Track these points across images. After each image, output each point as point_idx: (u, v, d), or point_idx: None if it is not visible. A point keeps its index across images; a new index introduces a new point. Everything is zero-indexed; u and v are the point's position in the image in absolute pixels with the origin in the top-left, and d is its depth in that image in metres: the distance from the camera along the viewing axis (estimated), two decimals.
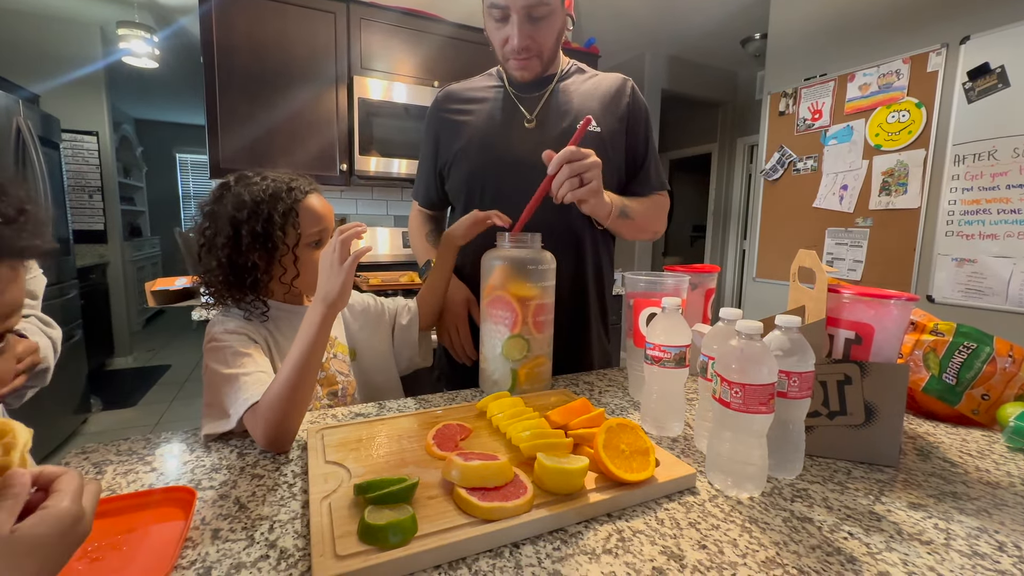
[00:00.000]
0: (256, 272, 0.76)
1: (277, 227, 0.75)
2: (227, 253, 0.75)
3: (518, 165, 0.96)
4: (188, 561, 0.43)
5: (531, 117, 0.99)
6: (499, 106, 1.02)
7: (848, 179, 2.25)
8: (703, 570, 0.43)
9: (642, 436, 0.57)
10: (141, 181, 5.57)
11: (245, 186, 0.77)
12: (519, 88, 1.02)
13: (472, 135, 1.02)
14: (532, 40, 0.92)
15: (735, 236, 4.21)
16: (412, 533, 0.43)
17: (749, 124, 3.98)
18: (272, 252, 0.77)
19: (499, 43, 0.95)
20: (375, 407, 0.80)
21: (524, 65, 0.95)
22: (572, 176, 0.78)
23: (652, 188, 1.04)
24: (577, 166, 0.78)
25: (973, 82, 1.85)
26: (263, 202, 0.75)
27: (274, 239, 0.75)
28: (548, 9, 0.89)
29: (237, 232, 0.75)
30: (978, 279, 1.85)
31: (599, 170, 0.80)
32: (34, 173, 2.26)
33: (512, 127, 1.00)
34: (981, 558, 0.45)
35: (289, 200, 0.77)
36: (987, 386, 0.74)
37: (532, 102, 1.01)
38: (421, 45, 2.27)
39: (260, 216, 0.75)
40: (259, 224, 0.74)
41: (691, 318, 0.90)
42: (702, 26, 3.22)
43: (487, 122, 1.02)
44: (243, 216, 0.74)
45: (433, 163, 1.09)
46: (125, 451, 0.63)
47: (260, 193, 0.76)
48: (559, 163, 0.78)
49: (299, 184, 0.80)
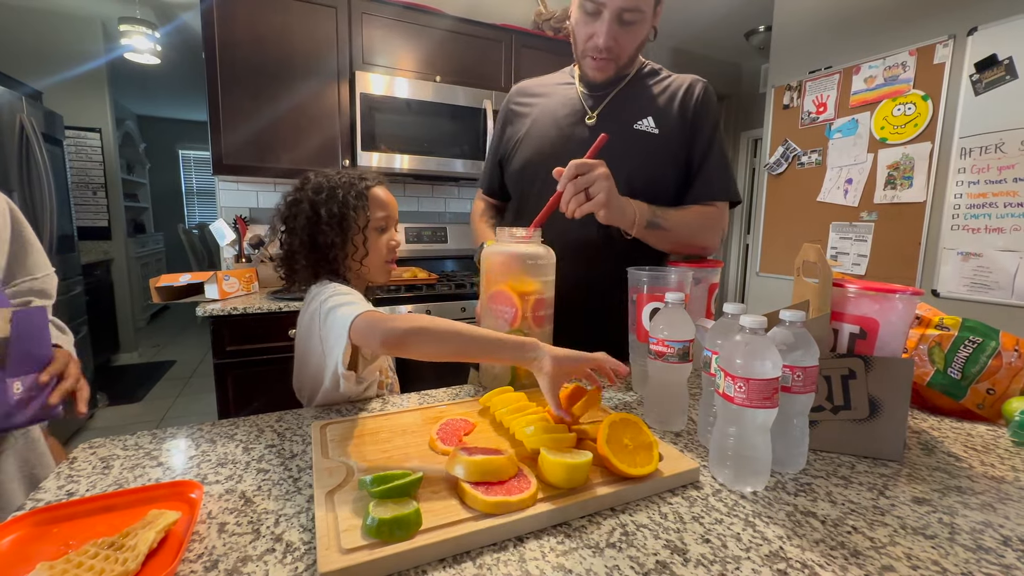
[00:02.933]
0: (334, 249, 0.85)
1: (351, 208, 0.85)
2: (308, 232, 0.85)
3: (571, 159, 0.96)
4: (195, 554, 0.43)
5: (592, 114, 0.99)
6: (564, 101, 1.03)
7: (853, 173, 2.24)
8: (707, 564, 0.43)
9: (645, 431, 0.57)
10: (144, 178, 5.58)
11: (324, 176, 0.88)
12: (588, 86, 1.02)
13: (531, 127, 1.03)
14: (616, 43, 0.92)
15: (739, 230, 4.19)
16: (416, 527, 0.44)
17: (753, 118, 3.95)
18: (346, 231, 0.85)
19: (583, 37, 0.94)
20: (379, 403, 0.80)
21: (601, 66, 0.95)
22: (577, 192, 0.79)
23: (711, 195, 0.98)
24: (582, 181, 0.79)
25: (980, 74, 1.83)
26: (339, 187, 0.86)
27: (348, 219, 0.85)
28: (640, 16, 0.90)
29: (316, 212, 0.85)
30: (984, 273, 1.84)
31: (607, 182, 0.79)
32: (38, 170, 2.26)
33: (572, 123, 1.00)
34: (986, 552, 0.45)
35: (360, 186, 0.87)
36: (992, 380, 0.74)
37: (597, 100, 1.00)
38: (423, 39, 2.26)
39: (336, 199, 0.85)
40: (335, 205, 0.85)
41: (694, 313, 0.90)
42: (706, 18, 3.19)
43: (549, 116, 1.02)
44: (322, 198, 0.85)
45: (496, 152, 1.12)
46: (132, 446, 0.64)
47: (337, 180, 0.87)
48: (566, 180, 0.79)
49: (369, 176, 0.91)
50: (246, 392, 1.79)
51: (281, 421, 0.72)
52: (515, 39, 2.43)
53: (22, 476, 0.76)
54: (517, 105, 1.09)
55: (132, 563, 0.40)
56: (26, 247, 0.87)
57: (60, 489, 0.54)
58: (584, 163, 0.79)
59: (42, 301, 0.88)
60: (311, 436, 0.64)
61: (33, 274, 0.87)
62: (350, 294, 0.79)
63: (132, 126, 5.37)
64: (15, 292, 0.84)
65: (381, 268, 0.91)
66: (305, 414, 0.75)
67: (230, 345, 1.77)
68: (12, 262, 0.84)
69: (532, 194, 1.02)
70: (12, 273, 0.84)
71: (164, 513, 0.46)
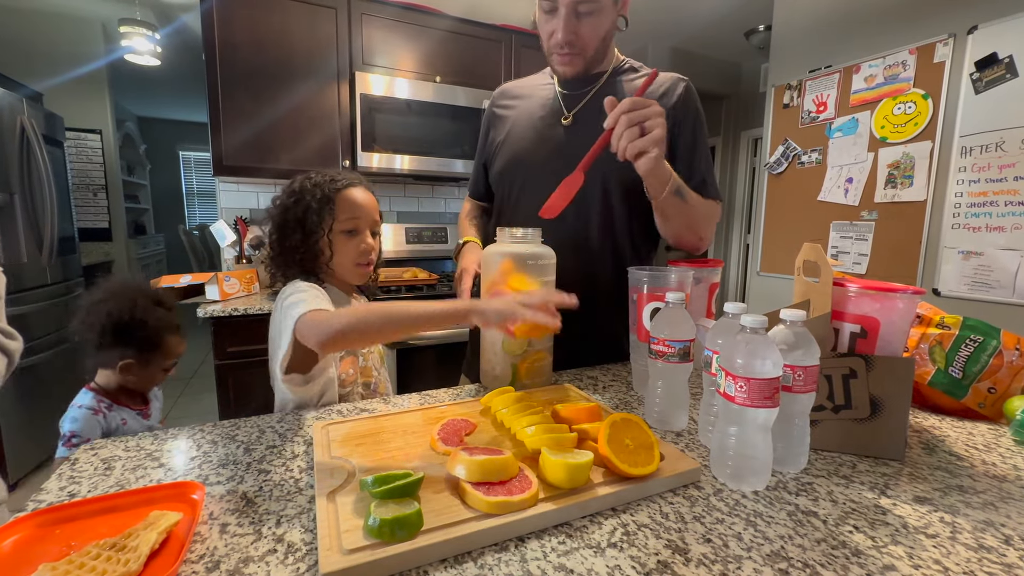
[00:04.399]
0: (298, 252, 0.86)
1: (312, 212, 0.85)
2: (276, 236, 0.87)
3: (548, 161, 0.96)
4: (197, 555, 0.43)
5: (567, 114, 0.98)
6: (541, 103, 1.02)
7: (853, 172, 2.24)
8: (708, 564, 0.43)
9: (646, 430, 0.57)
10: (145, 179, 5.58)
11: (304, 179, 0.89)
12: (566, 85, 1.01)
13: (511, 129, 1.03)
14: (576, 36, 0.91)
15: (739, 230, 4.19)
16: (418, 527, 0.44)
17: (753, 117, 3.95)
18: (309, 235, 0.86)
19: (546, 36, 0.94)
20: (380, 402, 0.80)
21: (566, 61, 0.94)
22: (632, 125, 0.72)
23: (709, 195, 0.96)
24: (637, 115, 0.72)
25: (981, 72, 1.82)
26: (307, 191, 0.86)
27: (309, 223, 0.85)
28: (595, 6, 0.88)
29: (284, 216, 0.86)
30: (985, 272, 1.84)
31: (663, 119, 0.73)
32: (39, 171, 2.26)
33: (548, 124, 0.99)
34: (987, 551, 0.45)
35: (328, 190, 0.86)
36: (994, 379, 0.74)
37: (574, 99, 1.00)
38: (422, 40, 2.26)
39: (302, 202, 0.86)
40: (300, 209, 0.85)
41: (695, 313, 0.90)
42: (705, 17, 3.19)
43: (526, 118, 1.02)
44: (291, 202, 0.86)
45: (481, 155, 1.13)
46: (133, 447, 0.64)
47: (309, 183, 0.87)
48: (617, 115, 0.73)
49: (342, 178, 0.89)
50: (247, 393, 1.79)
51: (282, 422, 0.72)
52: (515, 39, 2.43)
53: None
54: (499, 108, 1.08)
55: (134, 564, 0.40)
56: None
57: (62, 490, 0.54)
58: (640, 100, 0.73)
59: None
60: (312, 437, 0.64)
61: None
62: (307, 291, 0.78)
63: (132, 127, 5.38)
64: None
65: (351, 271, 0.90)
66: (306, 415, 0.75)
67: (231, 346, 1.77)
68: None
69: (512, 196, 1.02)
70: None
71: (166, 514, 0.46)
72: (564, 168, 0.82)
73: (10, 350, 0.89)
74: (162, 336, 1.06)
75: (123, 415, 1.07)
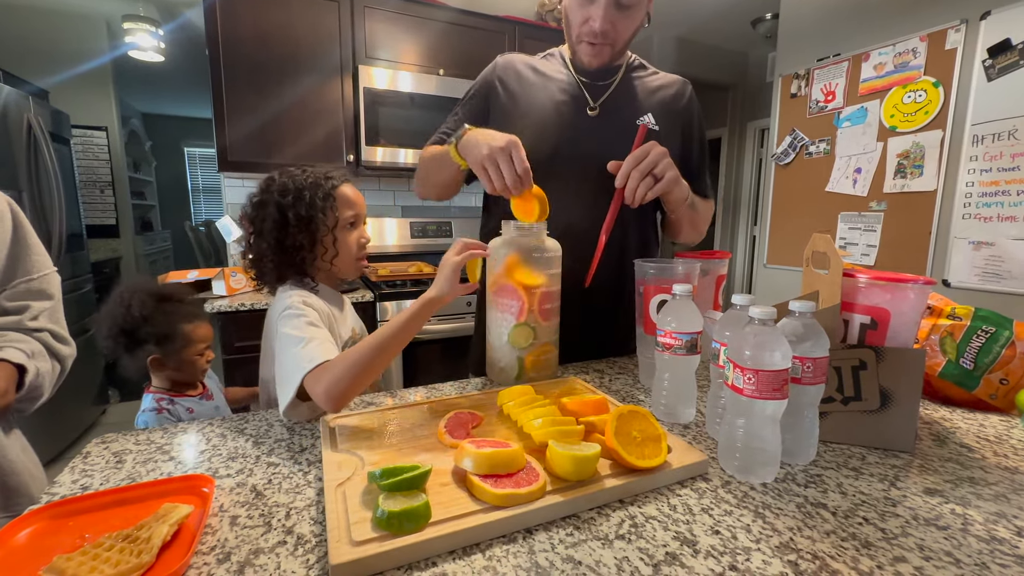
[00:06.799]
0: (302, 251, 0.84)
1: (318, 209, 0.84)
2: (275, 236, 0.83)
3: (576, 153, 0.95)
4: (208, 547, 0.44)
5: (594, 105, 0.97)
6: (561, 87, 0.99)
7: (862, 162, 2.21)
8: (717, 555, 0.43)
9: (654, 423, 0.57)
10: (151, 175, 5.61)
11: (289, 177, 0.86)
12: (583, 75, 0.99)
13: (528, 112, 0.97)
14: (612, 27, 0.90)
15: (746, 222, 4.15)
16: (426, 519, 0.44)
17: (760, 107, 3.90)
18: (314, 232, 0.85)
19: (578, 21, 0.92)
20: (387, 396, 0.80)
21: (596, 51, 0.93)
22: (644, 176, 0.79)
23: (703, 195, 1.03)
24: (646, 164, 0.78)
25: (993, 59, 1.79)
26: (305, 188, 0.84)
27: (316, 221, 0.84)
28: (638, 0, 0.88)
29: (283, 215, 0.83)
30: (996, 262, 1.81)
31: (668, 157, 0.80)
32: (46, 169, 2.28)
33: (574, 113, 0.97)
34: (999, 543, 0.45)
35: (327, 187, 0.86)
36: (1006, 370, 0.73)
37: (598, 90, 0.99)
38: (425, 32, 2.24)
39: (303, 200, 0.83)
40: (303, 207, 0.83)
41: (702, 305, 0.89)
42: (711, 6, 3.14)
43: (548, 103, 0.98)
44: (289, 201, 0.83)
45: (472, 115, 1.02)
46: (144, 441, 0.64)
47: (303, 180, 0.85)
48: (626, 173, 0.79)
49: (335, 174, 0.89)
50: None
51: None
52: (519, 31, 2.41)
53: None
54: (512, 82, 1.00)
55: (147, 555, 0.40)
56: (26, 248, 0.86)
57: (75, 483, 0.54)
58: (640, 150, 0.79)
59: (41, 303, 0.86)
60: (320, 430, 0.65)
61: (30, 274, 0.85)
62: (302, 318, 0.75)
63: (137, 124, 5.40)
64: (12, 295, 0.83)
65: (352, 266, 0.90)
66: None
67: (238, 341, 1.78)
68: (11, 264, 0.83)
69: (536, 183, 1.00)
70: (10, 275, 0.83)
71: (177, 506, 0.46)
72: (593, 159, 0.86)
73: (63, 356, 0.88)
74: (174, 327, 1.07)
75: (187, 404, 1.10)
